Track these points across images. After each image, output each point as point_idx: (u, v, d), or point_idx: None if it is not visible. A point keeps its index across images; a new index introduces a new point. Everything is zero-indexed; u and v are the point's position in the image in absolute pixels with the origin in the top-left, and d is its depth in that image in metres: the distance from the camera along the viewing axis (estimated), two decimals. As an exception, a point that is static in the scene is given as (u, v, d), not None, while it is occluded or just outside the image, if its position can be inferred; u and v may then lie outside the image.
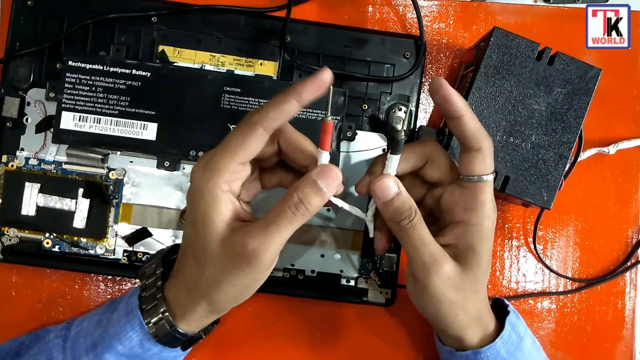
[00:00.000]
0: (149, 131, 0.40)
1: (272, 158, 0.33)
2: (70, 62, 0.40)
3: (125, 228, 0.42)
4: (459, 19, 0.46)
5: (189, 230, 0.31)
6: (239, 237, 0.29)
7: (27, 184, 0.41)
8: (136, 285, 0.35)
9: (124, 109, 0.40)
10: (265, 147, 0.31)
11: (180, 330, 0.32)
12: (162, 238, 0.42)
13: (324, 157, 0.31)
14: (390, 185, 0.31)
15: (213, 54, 0.43)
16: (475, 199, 0.31)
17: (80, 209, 0.42)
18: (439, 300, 0.32)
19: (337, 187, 0.30)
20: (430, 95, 0.32)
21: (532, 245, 0.45)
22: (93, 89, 0.40)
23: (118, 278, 0.44)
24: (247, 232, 0.29)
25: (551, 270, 0.45)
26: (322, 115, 0.41)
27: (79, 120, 0.40)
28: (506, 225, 0.45)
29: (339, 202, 0.33)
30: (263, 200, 0.41)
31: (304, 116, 0.41)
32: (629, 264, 0.45)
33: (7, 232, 0.42)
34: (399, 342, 0.45)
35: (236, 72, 0.43)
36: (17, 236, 0.42)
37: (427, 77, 0.45)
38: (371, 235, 0.36)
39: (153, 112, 0.40)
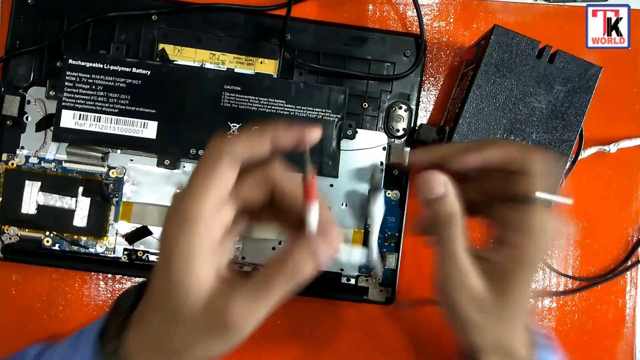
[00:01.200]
0: (149, 129, 0.40)
1: (262, 202, 0.29)
2: (70, 61, 0.40)
3: (126, 226, 0.42)
4: (459, 17, 0.46)
5: (161, 284, 0.26)
6: (221, 303, 0.25)
7: (27, 182, 0.41)
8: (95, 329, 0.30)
9: (124, 107, 0.40)
10: (254, 192, 0.28)
11: None
12: (162, 236, 0.42)
13: (313, 212, 0.27)
14: (437, 184, 0.28)
15: (213, 52, 0.43)
16: (525, 223, 0.28)
17: (80, 207, 0.42)
18: (454, 315, 0.30)
19: (336, 249, 0.27)
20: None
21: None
22: (93, 87, 0.40)
23: (118, 276, 0.44)
24: (230, 297, 0.25)
25: (552, 268, 0.45)
26: (322, 114, 0.41)
27: (79, 119, 0.40)
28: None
29: (346, 248, 0.30)
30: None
31: (304, 115, 0.41)
32: (629, 262, 0.45)
33: (7, 230, 0.42)
34: (399, 340, 0.45)
35: (236, 70, 0.43)
36: (17, 235, 0.42)
37: (427, 75, 0.45)
38: (379, 278, 0.33)
39: (153, 111, 0.40)
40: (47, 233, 0.42)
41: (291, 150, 0.26)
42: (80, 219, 0.41)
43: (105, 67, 0.40)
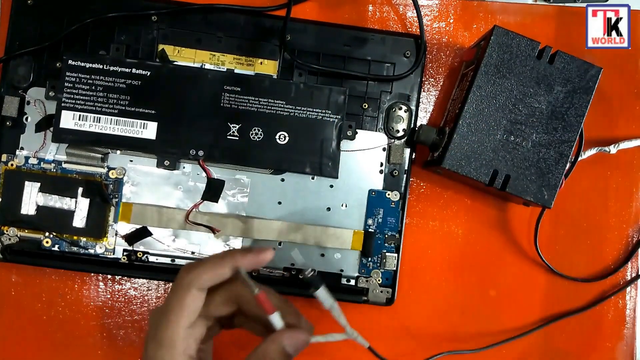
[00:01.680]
0: (148, 130, 0.40)
1: (231, 312, 0.33)
2: (70, 61, 0.40)
3: (125, 227, 0.42)
4: (459, 18, 0.46)
5: None
6: None
7: (26, 183, 0.41)
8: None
9: (123, 108, 0.40)
10: (221, 308, 0.32)
11: None
12: (162, 237, 0.42)
13: (276, 319, 0.31)
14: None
15: (213, 53, 0.43)
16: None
17: (80, 208, 0.41)
18: None
19: (306, 341, 0.31)
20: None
21: (533, 245, 0.45)
22: (93, 88, 0.40)
23: (118, 277, 0.44)
24: None
25: (552, 269, 0.45)
26: (322, 115, 0.41)
27: (79, 119, 0.40)
28: (507, 225, 0.45)
29: (321, 339, 0.33)
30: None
31: (304, 115, 0.41)
32: (629, 263, 0.45)
33: (7, 231, 0.41)
34: (399, 341, 0.45)
35: (236, 71, 0.42)
36: (16, 235, 0.42)
37: (427, 76, 0.45)
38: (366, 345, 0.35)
39: (153, 111, 0.40)
40: (47, 234, 0.42)
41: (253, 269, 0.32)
42: (79, 220, 0.41)
43: (105, 67, 0.40)
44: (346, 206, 0.43)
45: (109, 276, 0.44)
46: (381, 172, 0.43)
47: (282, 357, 0.30)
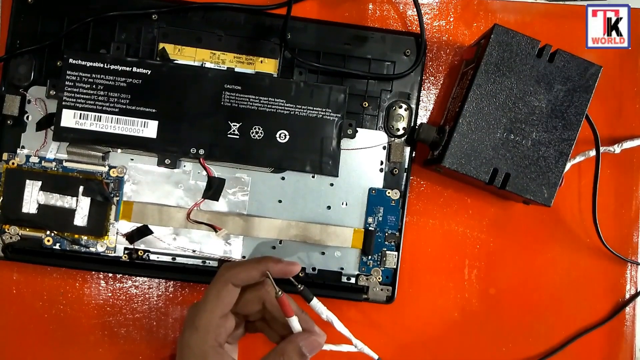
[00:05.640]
0: (149, 129, 0.40)
1: (257, 314, 0.36)
2: (70, 60, 0.40)
3: (126, 225, 0.42)
4: (459, 17, 0.46)
5: None
6: None
7: (27, 181, 0.41)
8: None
9: (124, 106, 0.40)
10: (249, 306, 0.35)
11: None
12: (163, 235, 0.42)
13: (295, 322, 0.34)
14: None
15: (213, 51, 0.43)
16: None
17: (81, 206, 0.42)
18: None
19: (321, 344, 0.35)
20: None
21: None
22: (94, 86, 0.40)
23: (119, 275, 0.44)
24: None
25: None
26: (322, 113, 0.41)
27: (80, 118, 0.40)
28: (507, 223, 0.45)
29: (333, 347, 0.36)
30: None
31: (304, 114, 0.41)
32: (629, 264, 0.45)
33: (8, 230, 0.42)
34: (399, 339, 0.45)
35: (236, 69, 0.43)
36: (18, 234, 0.42)
37: (427, 74, 0.45)
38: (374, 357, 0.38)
39: (154, 110, 0.40)
40: (48, 232, 0.42)
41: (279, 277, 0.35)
42: (80, 218, 0.42)
43: (105, 66, 0.40)
44: (346, 204, 0.43)
45: (110, 274, 0.44)
46: (381, 170, 0.43)
47: (298, 356, 0.33)
